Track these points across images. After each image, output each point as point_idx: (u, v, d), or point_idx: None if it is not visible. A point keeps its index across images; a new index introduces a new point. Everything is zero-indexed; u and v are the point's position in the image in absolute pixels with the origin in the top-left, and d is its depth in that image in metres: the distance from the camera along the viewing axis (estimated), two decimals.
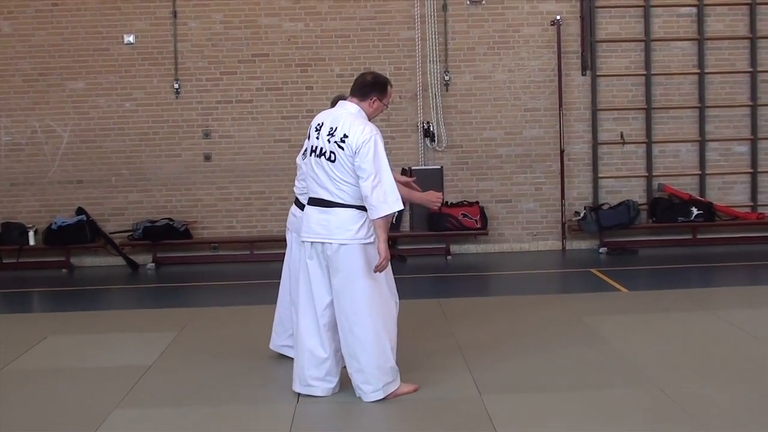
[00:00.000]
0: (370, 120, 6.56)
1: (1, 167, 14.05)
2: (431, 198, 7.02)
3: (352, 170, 6.26)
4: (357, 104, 6.52)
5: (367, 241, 6.34)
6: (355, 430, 6.12)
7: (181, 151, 14.10)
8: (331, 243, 6.34)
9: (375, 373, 6.37)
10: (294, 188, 7.36)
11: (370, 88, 6.55)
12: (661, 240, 14.24)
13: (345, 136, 6.27)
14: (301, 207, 6.99)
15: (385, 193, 6.20)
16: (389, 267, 6.51)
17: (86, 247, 13.85)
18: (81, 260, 14.04)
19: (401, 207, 6.35)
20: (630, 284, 11.20)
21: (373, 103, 6.53)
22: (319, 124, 6.52)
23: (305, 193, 6.74)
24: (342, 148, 6.26)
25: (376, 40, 14.04)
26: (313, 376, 6.54)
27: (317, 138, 6.46)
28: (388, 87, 6.63)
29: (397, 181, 6.73)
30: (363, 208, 6.31)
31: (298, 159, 7.17)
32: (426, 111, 14.05)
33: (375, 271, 6.35)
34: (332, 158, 6.31)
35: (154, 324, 9.31)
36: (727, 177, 14.41)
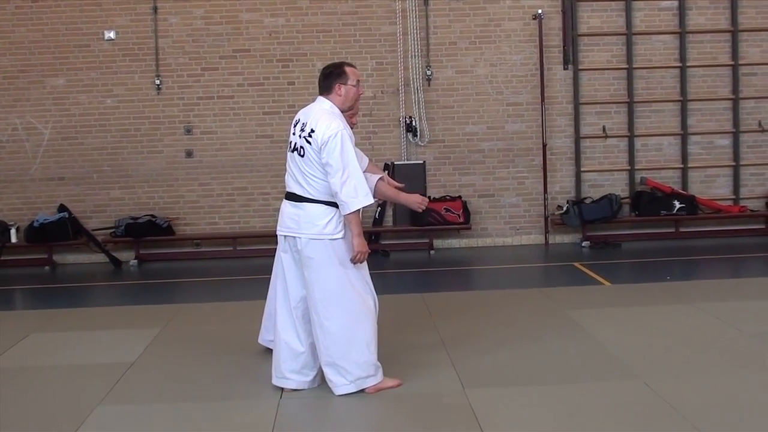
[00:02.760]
0: (352, 108, 6.66)
1: None
2: (417, 200, 7.03)
3: (320, 165, 6.30)
4: (328, 99, 6.56)
5: (335, 236, 6.36)
6: (338, 424, 6.10)
7: (163, 148, 14.06)
8: (300, 237, 6.39)
9: (346, 366, 6.38)
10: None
11: (329, 79, 6.58)
12: (643, 233, 14.28)
13: (312, 131, 6.34)
14: None
15: (355, 188, 6.23)
16: (365, 263, 6.53)
17: (68, 245, 13.79)
18: (63, 257, 13.99)
19: (372, 201, 6.40)
20: (613, 277, 11.22)
21: (340, 89, 6.55)
22: (296, 121, 6.61)
23: None
24: (309, 143, 6.33)
25: (357, 35, 14.03)
26: (289, 369, 6.56)
27: (293, 134, 6.55)
28: (345, 68, 6.60)
29: (384, 180, 6.79)
30: (332, 204, 6.35)
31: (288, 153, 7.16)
32: (408, 106, 14.04)
33: (353, 262, 6.38)
34: (302, 153, 6.38)
35: (137, 321, 9.27)
36: (710, 170, 14.46)
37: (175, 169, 14.08)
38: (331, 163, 6.22)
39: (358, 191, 6.25)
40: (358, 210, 6.34)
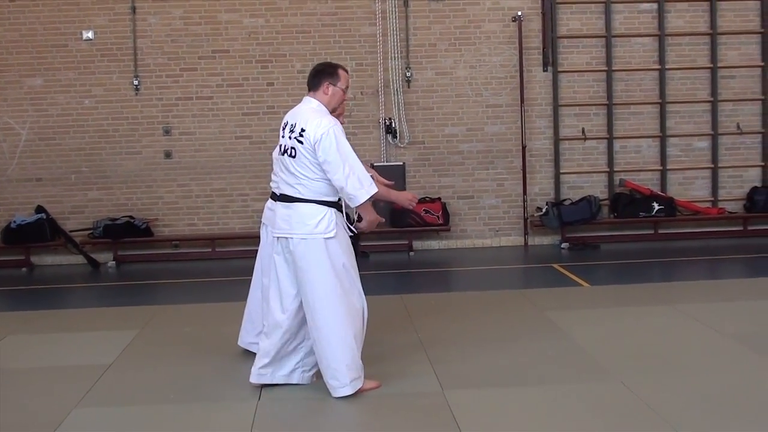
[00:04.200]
0: (335, 109, 6.57)
1: None
2: (407, 197, 6.98)
3: (313, 164, 6.25)
4: (314, 98, 6.50)
5: (328, 235, 6.32)
6: (317, 426, 6.09)
7: (142, 148, 14.01)
8: (292, 237, 6.35)
9: (342, 369, 6.34)
10: (270, 182, 7.29)
11: (319, 76, 6.52)
12: (622, 235, 14.32)
13: (303, 130, 6.28)
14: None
15: (359, 180, 6.20)
16: (355, 267, 6.50)
17: (46, 246, 13.73)
18: (41, 259, 13.91)
19: (377, 189, 6.32)
20: (592, 279, 11.24)
21: (327, 89, 6.49)
22: (285, 123, 6.54)
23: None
24: (301, 143, 6.27)
25: (337, 36, 14.01)
26: (260, 365, 6.58)
27: (283, 137, 6.48)
28: (339, 70, 6.55)
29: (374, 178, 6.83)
30: (323, 203, 6.32)
31: (274, 153, 7.10)
32: (388, 107, 14.04)
33: (364, 227, 6.53)
34: (293, 154, 6.32)
35: (114, 322, 9.22)
36: (688, 172, 14.51)
37: (153, 170, 14.03)
38: (329, 160, 6.18)
39: (363, 182, 6.23)
40: (368, 200, 6.32)
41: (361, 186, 6.21)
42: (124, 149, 14.00)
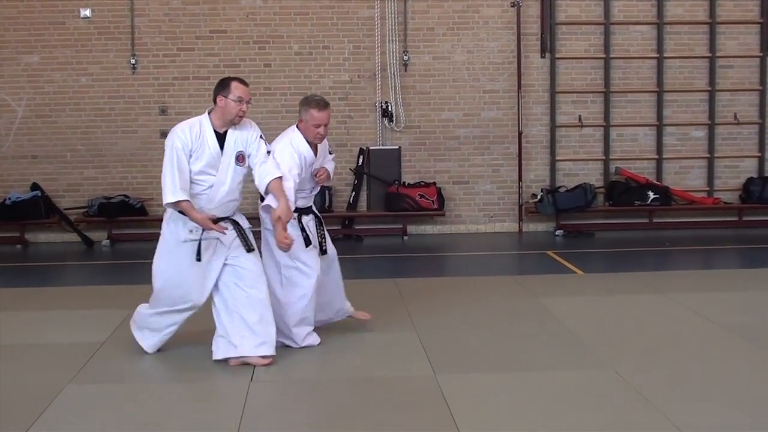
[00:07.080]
0: (232, 120, 7.06)
1: None
2: (280, 239, 6.88)
3: None
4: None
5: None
6: (307, 407, 6.09)
7: (138, 128, 13.97)
8: None
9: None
10: None
11: (215, 90, 6.96)
12: (617, 223, 14.31)
13: None
14: None
15: (164, 185, 7.09)
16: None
17: (41, 223, 13.70)
18: (35, 236, 13.88)
19: (169, 202, 7.13)
20: (586, 267, 11.24)
21: (220, 101, 6.90)
22: None
23: None
24: None
25: (335, 18, 13.97)
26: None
27: None
28: (231, 83, 6.90)
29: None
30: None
31: None
32: (384, 91, 14.01)
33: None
34: None
35: (108, 300, 9.22)
36: (684, 161, 14.51)
37: (149, 149, 13.98)
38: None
39: (165, 188, 7.15)
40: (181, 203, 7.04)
41: (163, 190, 7.06)
42: (120, 128, 13.96)
